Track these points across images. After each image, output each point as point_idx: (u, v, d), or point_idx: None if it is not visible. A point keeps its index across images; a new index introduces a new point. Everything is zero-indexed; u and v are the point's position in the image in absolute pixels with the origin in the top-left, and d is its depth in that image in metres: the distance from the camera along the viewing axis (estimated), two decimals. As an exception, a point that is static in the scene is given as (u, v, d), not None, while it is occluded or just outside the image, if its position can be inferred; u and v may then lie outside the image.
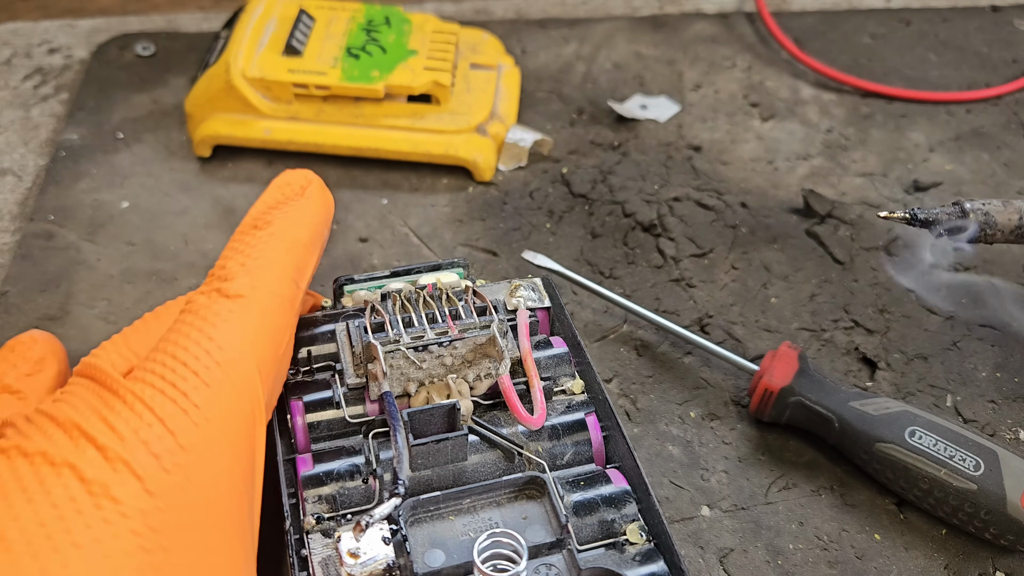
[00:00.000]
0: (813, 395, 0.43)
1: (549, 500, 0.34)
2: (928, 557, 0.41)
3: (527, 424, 0.36)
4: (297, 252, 0.34)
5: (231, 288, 0.31)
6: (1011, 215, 0.43)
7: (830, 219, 0.55)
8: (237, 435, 0.28)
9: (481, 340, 0.36)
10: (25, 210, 0.56)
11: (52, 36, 0.68)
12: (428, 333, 0.36)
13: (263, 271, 0.32)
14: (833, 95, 0.64)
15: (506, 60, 0.62)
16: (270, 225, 0.34)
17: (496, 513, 0.34)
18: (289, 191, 0.37)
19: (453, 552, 0.32)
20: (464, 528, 0.33)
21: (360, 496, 0.33)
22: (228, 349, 0.29)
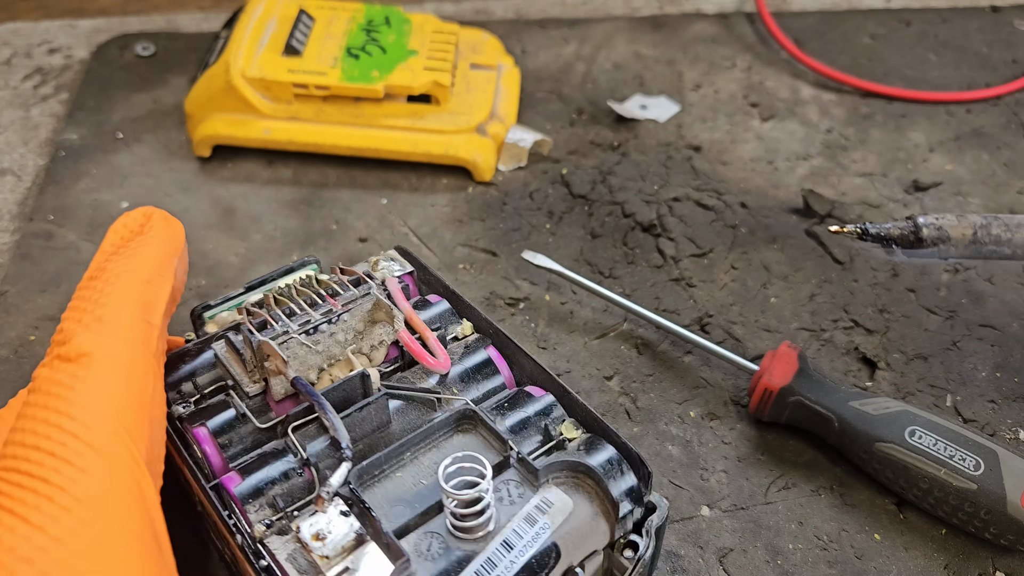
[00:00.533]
0: (813, 395, 0.43)
1: (484, 427, 0.34)
2: (928, 557, 0.41)
3: (436, 368, 0.36)
4: (140, 289, 0.31)
5: (71, 350, 0.28)
6: (965, 230, 0.42)
7: (830, 219, 0.55)
8: (121, 503, 0.26)
9: (367, 306, 0.36)
10: (25, 210, 0.56)
11: (52, 36, 0.68)
12: (314, 315, 0.35)
13: (104, 321, 0.29)
14: (833, 95, 0.64)
15: (506, 60, 0.62)
16: (105, 272, 0.31)
17: (437, 455, 0.34)
18: (126, 232, 0.35)
19: (414, 503, 0.32)
20: (414, 479, 0.33)
21: (300, 491, 0.33)
22: (82, 417, 0.26)
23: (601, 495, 0.33)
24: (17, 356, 0.48)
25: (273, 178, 0.57)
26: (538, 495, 0.32)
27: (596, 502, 0.33)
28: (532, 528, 0.31)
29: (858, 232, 0.43)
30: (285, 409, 0.35)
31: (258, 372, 0.35)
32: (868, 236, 0.43)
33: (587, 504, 0.33)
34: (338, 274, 0.38)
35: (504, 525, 0.31)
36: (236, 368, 0.36)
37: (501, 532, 0.31)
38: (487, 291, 0.51)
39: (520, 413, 0.36)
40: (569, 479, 0.33)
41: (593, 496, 0.33)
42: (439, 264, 0.53)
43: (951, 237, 0.42)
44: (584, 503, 0.33)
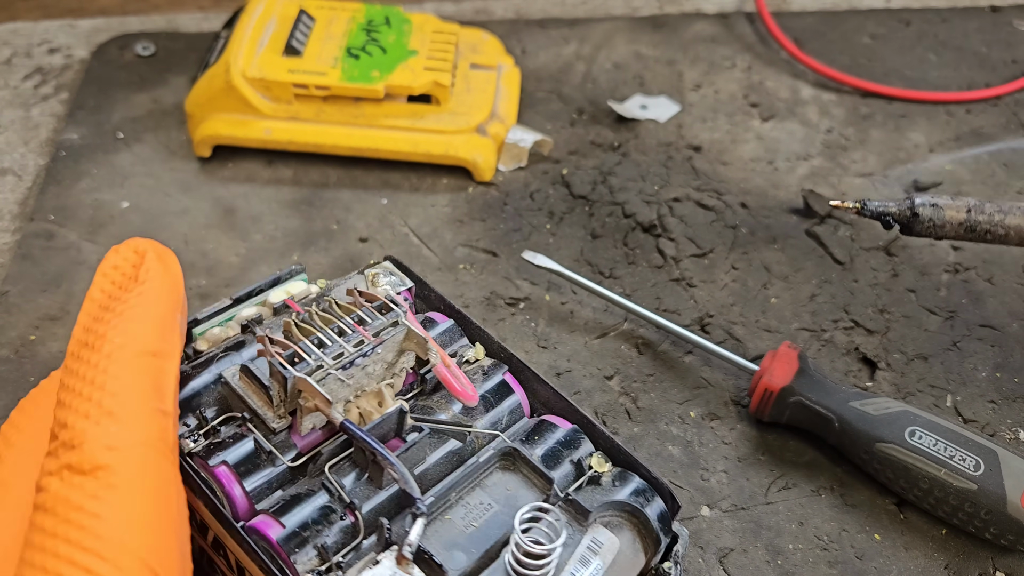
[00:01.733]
0: (813, 395, 0.43)
1: (526, 465, 0.34)
2: (928, 557, 0.41)
3: (467, 401, 0.35)
4: (147, 367, 0.28)
5: (85, 461, 0.25)
6: (959, 211, 0.44)
7: (830, 219, 0.55)
8: None
9: (400, 337, 0.35)
10: (25, 210, 0.56)
11: (52, 36, 0.68)
12: (348, 348, 0.33)
13: (115, 417, 0.26)
14: (833, 95, 0.64)
15: (506, 60, 0.62)
16: (104, 340, 0.28)
17: (483, 495, 0.33)
18: (118, 276, 0.31)
19: (469, 547, 0.32)
20: (464, 521, 0.33)
21: (344, 535, 0.31)
22: (108, 552, 0.24)
23: (643, 532, 0.34)
24: (18, 356, 0.48)
25: (273, 178, 0.57)
26: (588, 535, 0.32)
27: (636, 538, 0.34)
28: (587, 569, 0.32)
29: (857, 207, 0.45)
30: (309, 443, 0.34)
31: (284, 407, 0.33)
32: (867, 211, 0.45)
33: (630, 541, 0.33)
34: (356, 297, 0.36)
35: (560, 568, 0.31)
36: (256, 401, 0.33)
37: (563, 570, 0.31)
38: (487, 291, 0.51)
39: (547, 444, 0.35)
40: (614, 517, 0.34)
41: (635, 533, 0.34)
42: (440, 264, 0.53)
43: (946, 216, 0.43)
44: (626, 538, 0.33)
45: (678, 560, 0.34)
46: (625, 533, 0.33)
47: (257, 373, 0.33)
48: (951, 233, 0.43)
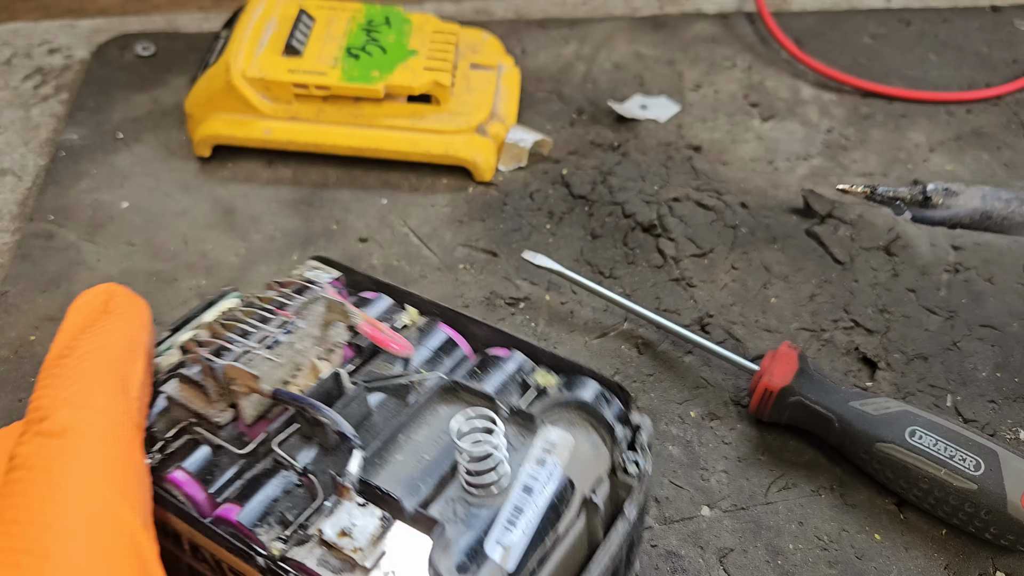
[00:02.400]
0: (813, 395, 0.43)
1: (467, 392, 0.35)
2: (928, 557, 0.41)
3: (401, 353, 0.36)
4: (115, 365, 0.31)
5: (52, 425, 0.27)
6: (973, 199, 0.42)
7: (830, 219, 0.55)
8: (119, 569, 0.25)
9: (321, 309, 0.36)
10: (25, 210, 0.56)
11: (52, 36, 0.68)
12: (270, 329, 0.34)
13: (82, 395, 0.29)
14: (833, 95, 0.64)
15: (506, 60, 0.62)
16: (76, 350, 0.31)
17: (430, 430, 0.34)
18: (89, 311, 0.33)
19: (425, 477, 0.32)
20: (415, 458, 0.33)
21: (305, 502, 0.32)
22: (74, 486, 0.25)
23: (595, 424, 0.34)
24: (17, 356, 0.48)
25: (273, 178, 0.57)
26: (539, 438, 0.33)
27: (592, 432, 0.34)
28: (544, 469, 0.32)
29: (867, 192, 0.43)
30: (259, 431, 0.34)
31: (224, 400, 0.34)
32: (876, 196, 0.43)
33: (585, 436, 0.34)
34: (274, 287, 0.37)
35: (517, 475, 0.32)
36: (198, 403, 0.34)
37: (517, 481, 0.31)
38: (487, 291, 0.51)
39: (494, 375, 0.36)
40: (563, 417, 0.34)
41: (588, 427, 0.34)
42: (439, 264, 0.53)
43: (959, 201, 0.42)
44: (582, 435, 0.34)
45: (644, 449, 0.34)
46: (578, 430, 0.34)
47: (194, 377, 0.34)
48: (965, 219, 0.41)
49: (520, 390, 0.36)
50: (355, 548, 0.29)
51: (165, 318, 0.50)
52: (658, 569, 0.40)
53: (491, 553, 0.30)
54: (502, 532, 0.30)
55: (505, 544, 0.30)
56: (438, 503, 0.31)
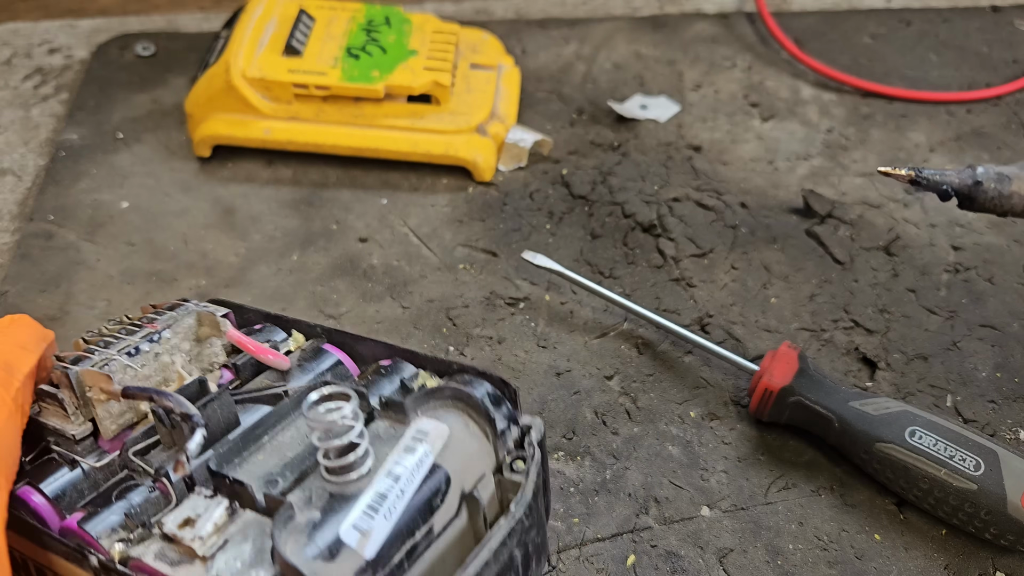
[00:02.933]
0: (813, 395, 0.43)
1: (336, 393, 0.32)
2: (928, 557, 0.41)
3: (277, 364, 0.35)
4: (2, 349, 0.32)
5: None
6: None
7: (830, 219, 0.55)
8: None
9: (190, 320, 0.35)
10: (25, 210, 0.56)
11: (52, 36, 0.68)
12: (133, 339, 0.34)
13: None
14: (833, 95, 0.64)
15: (506, 60, 0.62)
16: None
17: (296, 431, 0.32)
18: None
19: (284, 472, 0.30)
20: (278, 456, 0.31)
21: (156, 507, 0.30)
22: None
23: (476, 418, 0.32)
24: (17, 356, 0.48)
25: (273, 178, 0.57)
26: (411, 428, 0.31)
27: (472, 424, 0.32)
28: (414, 456, 0.30)
29: (912, 175, 0.39)
30: (118, 446, 0.33)
31: (81, 413, 0.33)
32: (921, 179, 0.39)
33: (463, 427, 0.32)
34: (147, 308, 0.36)
35: (384, 462, 0.30)
36: (55, 420, 0.33)
37: (383, 468, 0.29)
38: (487, 291, 0.51)
39: (378, 383, 0.35)
40: (439, 407, 0.32)
41: (468, 419, 0.32)
42: (439, 264, 0.53)
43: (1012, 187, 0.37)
44: (460, 426, 0.32)
45: (533, 446, 0.32)
46: (455, 420, 0.32)
47: (50, 390, 0.33)
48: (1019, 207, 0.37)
49: (400, 390, 0.34)
50: (194, 537, 0.28)
51: (165, 318, 0.50)
52: (658, 569, 0.40)
53: (346, 538, 0.27)
54: (361, 517, 0.28)
55: (363, 529, 0.28)
56: (295, 492, 0.29)
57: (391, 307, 0.50)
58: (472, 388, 0.33)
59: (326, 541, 0.27)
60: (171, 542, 0.28)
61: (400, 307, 0.50)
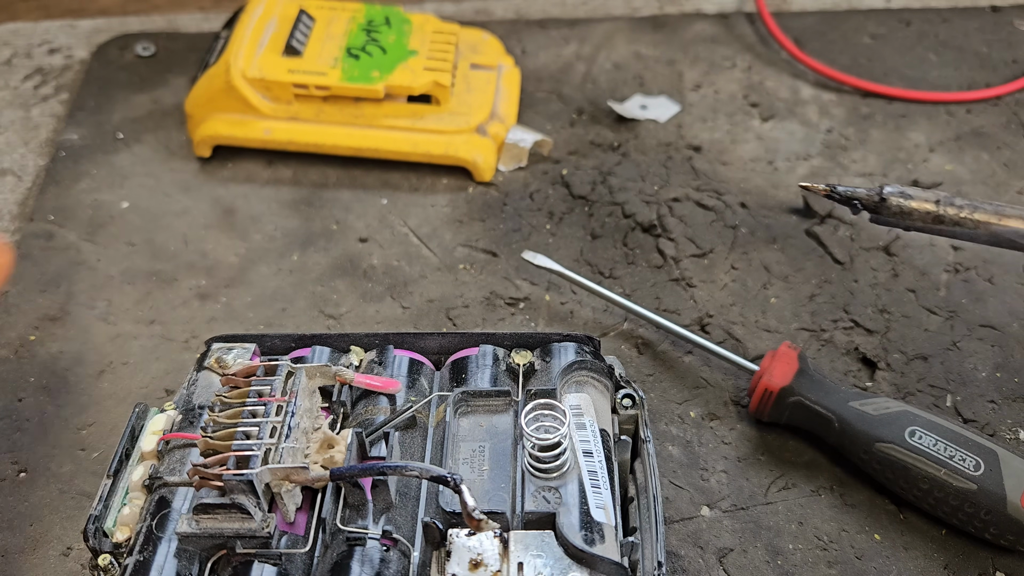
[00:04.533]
0: (813, 395, 0.43)
1: (477, 397, 0.37)
2: (928, 557, 0.41)
3: (393, 389, 0.37)
4: None
5: None
6: (927, 201, 0.43)
7: (830, 219, 0.55)
8: None
9: (305, 379, 0.35)
10: (25, 210, 0.56)
11: (52, 36, 0.68)
12: (272, 420, 0.33)
13: None
14: (833, 95, 0.64)
15: (506, 60, 0.62)
16: None
17: (468, 445, 0.35)
18: None
19: (499, 484, 0.34)
20: (476, 473, 0.34)
21: (399, 563, 0.32)
22: None
23: (597, 376, 0.38)
24: (17, 356, 0.48)
25: (273, 178, 0.57)
26: (566, 407, 0.35)
27: (596, 382, 0.38)
28: (586, 431, 0.35)
29: (827, 190, 0.45)
30: (300, 525, 0.33)
31: (261, 510, 0.31)
32: (836, 194, 0.45)
33: (593, 389, 0.37)
34: (235, 379, 0.35)
35: (569, 445, 0.34)
36: (234, 523, 0.31)
37: (574, 451, 0.34)
38: (487, 291, 0.51)
39: (476, 373, 0.38)
40: (571, 381, 0.37)
41: (589, 381, 0.38)
42: (439, 264, 0.53)
43: (913, 204, 0.43)
44: (591, 388, 0.37)
45: (628, 381, 0.38)
46: (587, 387, 0.37)
47: (222, 501, 0.31)
48: (918, 222, 0.43)
49: (508, 375, 0.38)
50: (495, 572, 0.30)
51: (165, 318, 0.50)
52: (658, 569, 0.40)
53: (599, 517, 0.32)
54: (595, 496, 0.33)
55: (602, 504, 0.33)
56: (528, 501, 0.33)
57: (391, 307, 0.50)
58: (579, 355, 0.38)
59: (590, 527, 0.32)
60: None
61: (400, 307, 0.50)
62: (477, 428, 0.36)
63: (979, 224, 0.43)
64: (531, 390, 0.36)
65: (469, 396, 0.36)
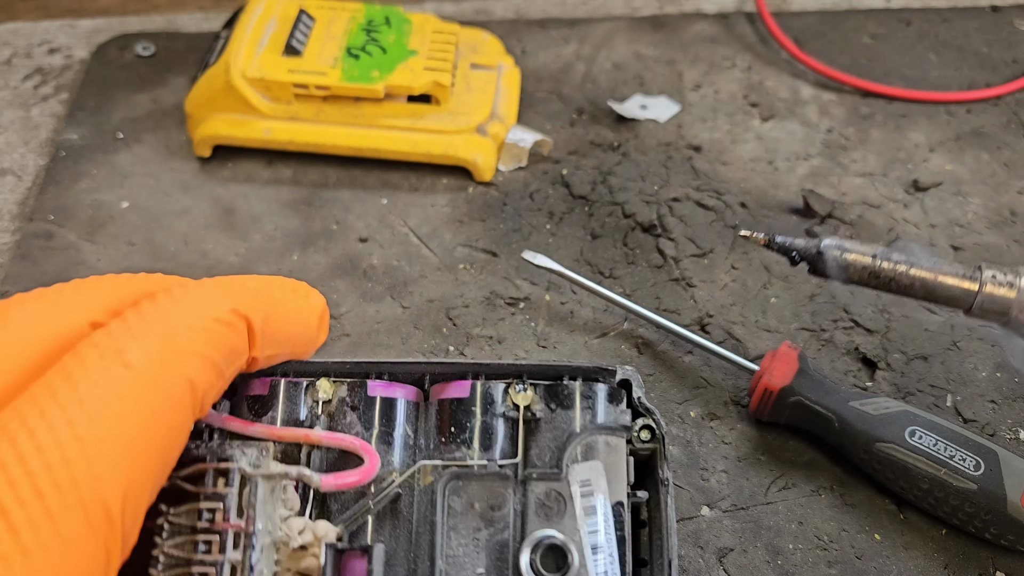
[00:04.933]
0: (813, 395, 0.43)
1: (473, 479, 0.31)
2: (928, 557, 0.41)
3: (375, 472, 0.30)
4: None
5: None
6: (864, 255, 0.42)
7: (830, 219, 0.55)
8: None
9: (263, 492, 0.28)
10: (25, 210, 0.56)
11: (52, 36, 0.68)
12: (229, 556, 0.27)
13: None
14: (833, 95, 0.64)
15: (506, 60, 0.62)
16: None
17: (459, 535, 0.31)
18: None
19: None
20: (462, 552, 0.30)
21: None
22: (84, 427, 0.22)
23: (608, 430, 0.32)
24: (17, 356, 0.48)
25: (273, 178, 0.57)
26: (573, 484, 0.30)
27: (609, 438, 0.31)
28: (597, 515, 0.30)
29: (765, 240, 0.43)
30: None
31: None
32: (774, 245, 0.43)
33: (604, 445, 0.31)
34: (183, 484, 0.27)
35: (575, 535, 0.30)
36: None
37: (582, 543, 0.30)
38: (487, 291, 0.51)
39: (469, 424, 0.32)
40: (582, 445, 0.31)
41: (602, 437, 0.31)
42: (439, 264, 0.53)
43: (849, 259, 0.41)
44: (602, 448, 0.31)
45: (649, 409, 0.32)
46: (600, 448, 0.31)
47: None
48: (855, 277, 0.41)
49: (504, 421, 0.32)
50: None
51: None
52: (658, 569, 0.40)
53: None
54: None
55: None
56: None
57: (391, 307, 0.50)
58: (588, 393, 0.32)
59: None
60: None
61: (400, 307, 0.50)
62: (470, 510, 0.30)
63: (915, 280, 0.41)
64: (531, 474, 0.31)
65: (462, 476, 0.31)
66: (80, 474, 0.22)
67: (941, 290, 0.40)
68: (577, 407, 0.32)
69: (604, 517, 0.30)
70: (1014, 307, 0.39)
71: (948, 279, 0.41)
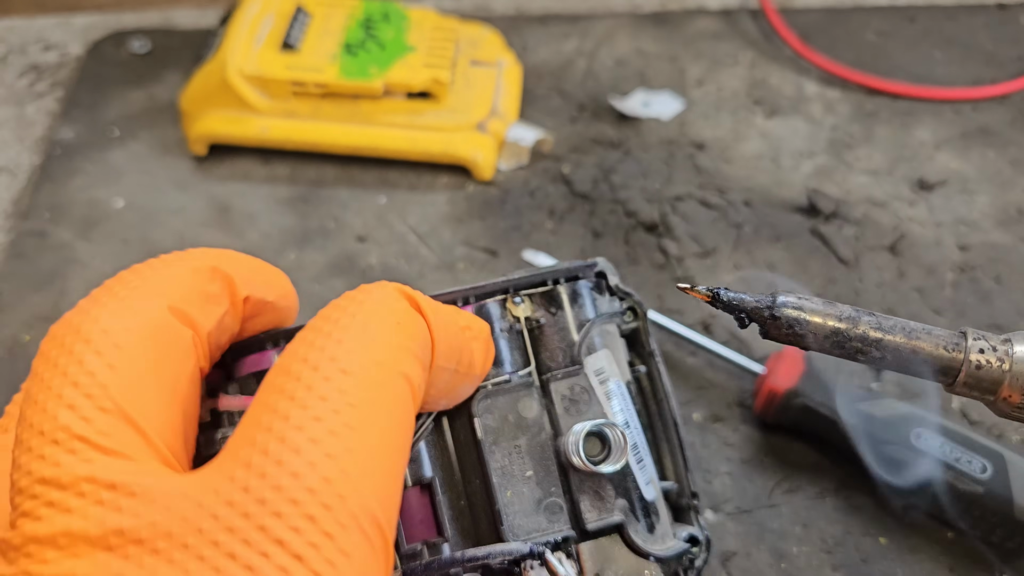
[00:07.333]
0: (818, 397, 0.42)
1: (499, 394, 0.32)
2: (934, 560, 0.40)
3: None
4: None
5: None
6: (828, 318, 0.34)
7: (835, 218, 0.54)
8: None
9: None
10: (19, 208, 0.55)
11: (47, 33, 0.67)
12: None
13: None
14: (838, 92, 0.63)
15: (506, 56, 0.62)
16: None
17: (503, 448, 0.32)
18: None
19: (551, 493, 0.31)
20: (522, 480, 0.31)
21: None
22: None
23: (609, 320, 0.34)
24: (11, 356, 0.47)
25: (270, 176, 0.57)
26: (591, 375, 0.32)
27: (605, 325, 0.34)
28: (617, 397, 0.32)
29: (708, 297, 0.34)
30: None
31: None
32: (719, 302, 0.34)
33: (604, 335, 0.34)
34: None
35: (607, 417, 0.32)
36: None
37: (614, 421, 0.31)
38: (487, 290, 0.50)
39: None
40: (585, 339, 0.33)
41: (604, 327, 0.34)
42: (438, 263, 0.52)
43: (810, 323, 0.33)
44: (605, 337, 0.33)
45: (628, 293, 0.35)
46: (606, 334, 0.34)
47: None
48: (814, 345, 0.33)
49: (510, 337, 0.33)
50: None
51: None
52: (660, 574, 0.39)
53: (649, 495, 0.31)
54: (641, 472, 0.31)
55: (648, 478, 0.31)
56: (584, 501, 0.31)
57: (389, 307, 0.50)
58: (577, 290, 0.34)
59: (647, 511, 0.31)
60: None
61: (399, 307, 0.50)
62: (504, 423, 0.32)
63: (888, 352, 0.32)
64: (553, 373, 0.32)
65: (490, 395, 0.32)
66: (345, 489, 0.21)
67: (916, 363, 0.32)
68: (579, 304, 0.34)
69: (622, 396, 0.32)
70: (1005, 386, 0.30)
71: (925, 346, 0.32)
